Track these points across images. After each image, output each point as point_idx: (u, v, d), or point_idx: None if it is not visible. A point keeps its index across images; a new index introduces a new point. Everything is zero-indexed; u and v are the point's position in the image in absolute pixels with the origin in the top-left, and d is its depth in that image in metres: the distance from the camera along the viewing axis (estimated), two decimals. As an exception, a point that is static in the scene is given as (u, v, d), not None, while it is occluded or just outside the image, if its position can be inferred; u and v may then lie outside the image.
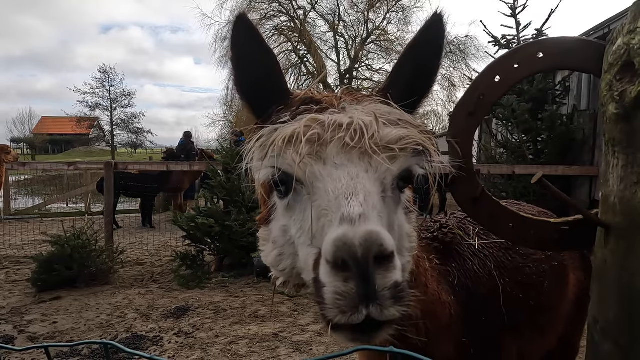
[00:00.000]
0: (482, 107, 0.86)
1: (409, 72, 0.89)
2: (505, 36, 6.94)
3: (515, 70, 0.83)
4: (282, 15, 27.30)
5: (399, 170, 0.77)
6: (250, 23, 0.87)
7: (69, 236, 5.20)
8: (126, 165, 6.69)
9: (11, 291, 5.10)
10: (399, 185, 0.80)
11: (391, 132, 0.76)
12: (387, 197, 0.76)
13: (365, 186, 0.70)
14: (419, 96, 0.88)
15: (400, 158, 0.76)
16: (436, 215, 1.61)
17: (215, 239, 5.67)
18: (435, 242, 1.35)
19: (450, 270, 1.30)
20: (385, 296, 0.62)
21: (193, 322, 4.16)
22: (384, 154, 0.73)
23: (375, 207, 0.68)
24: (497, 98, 0.86)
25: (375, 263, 0.61)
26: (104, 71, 41.81)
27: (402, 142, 0.76)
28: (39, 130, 61.49)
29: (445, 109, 29.12)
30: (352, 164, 0.72)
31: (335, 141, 0.74)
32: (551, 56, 0.82)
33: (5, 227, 8.78)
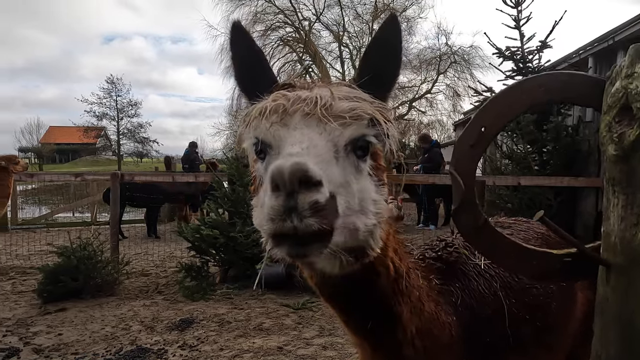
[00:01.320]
0: (483, 139, 0.88)
1: (373, 64, 1.03)
2: (509, 48, 6.97)
3: (516, 104, 0.84)
4: (288, 26, 27.61)
5: (350, 136, 0.90)
6: (243, 29, 1.10)
7: (75, 247, 5.23)
8: (132, 176, 6.75)
9: (17, 302, 5.12)
10: (357, 152, 0.92)
11: (344, 104, 0.90)
12: (341, 157, 0.89)
13: (312, 139, 0.85)
14: (385, 84, 1.02)
15: (351, 125, 0.89)
16: (443, 233, 1.60)
17: (220, 250, 5.68)
18: (438, 262, 1.35)
19: (454, 290, 1.30)
20: (305, 209, 0.75)
21: (198, 334, 4.15)
22: (336, 121, 0.88)
23: (315, 153, 0.82)
24: (498, 131, 0.88)
25: (301, 186, 0.74)
26: (111, 81, 42.33)
27: (352, 112, 0.89)
28: (47, 140, 62.11)
29: (450, 118, 29.18)
30: (308, 127, 0.88)
31: (298, 111, 0.89)
32: (552, 90, 0.83)
33: (13, 237, 8.85)
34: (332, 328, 4.24)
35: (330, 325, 4.32)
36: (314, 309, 4.78)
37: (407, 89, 28.77)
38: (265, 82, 1.05)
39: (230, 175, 6.00)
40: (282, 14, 27.02)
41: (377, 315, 1.12)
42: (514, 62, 7.01)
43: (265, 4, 26.60)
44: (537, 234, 1.65)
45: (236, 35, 1.08)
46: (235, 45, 1.09)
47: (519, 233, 1.63)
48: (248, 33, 1.10)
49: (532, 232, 1.66)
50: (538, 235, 1.65)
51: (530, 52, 6.91)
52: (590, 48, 6.61)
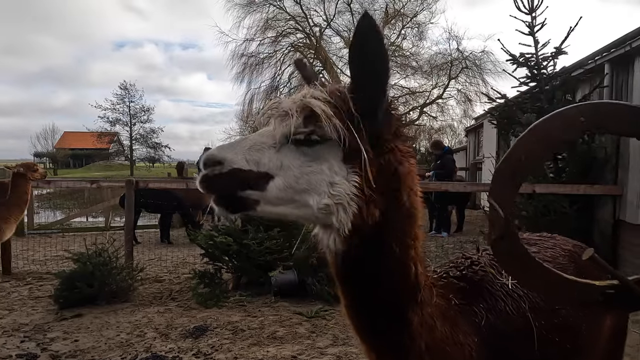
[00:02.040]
0: (523, 169, 0.87)
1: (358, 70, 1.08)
2: (523, 54, 6.91)
3: (556, 134, 0.83)
4: (298, 32, 27.74)
5: (282, 131, 1.06)
6: (303, 64, 1.42)
7: (90, 253, 5.30)
8: (147, 182, 6.82)
9: (34, 307, 5.19)
10: (300, 142, 1.06)
11: (282, 104, 1.09)
12: (282, 147, 1.06)
13: (250, 137, 1.11)
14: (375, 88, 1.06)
15: (284, 122, 1.06)
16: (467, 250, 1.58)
17: (233, 257, 5.71)
18: (462, 281, 1.34)
19: (477, 311, 1.29)
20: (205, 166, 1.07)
21: (212, 342, 4.16)
22: (276, 119, 1.08)
23: (237, 146, 1.08)
24: (538, 160, 0.87)
25: (205, 163, 1.06)
26: (124, 87, 43.01)
27: (282, 111, 1.07)
28: (61, 145, 63.15)
29: (461, 123, 28.98)
30: (265, 126, 1.12)
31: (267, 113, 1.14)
32: (594, 120, 0.82)
33: (29, 242, 8.99)
34: (345, 337, 4.22)
35: (344, 334, 4.30)
36: (327, 317, 4.76)
37: (418, 94, 28.68)
38: None
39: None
40: (293, 20, 27.18)
41: (385, 314, 1.15)
42: (528, 69, 6.95)
43: (276, 10, 26.82)
44: (564, 251, 1.63)
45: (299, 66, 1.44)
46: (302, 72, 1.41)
47: (546, 250, 1.60)
48: (305, 65, 1.42)
49: (559, 250, 1.63)
50: (566, 253, 1.62)
51: (544, 58, 6.84)
52: (607, 54, 6.52)
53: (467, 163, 18.35)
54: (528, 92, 7.20)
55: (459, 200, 10.76)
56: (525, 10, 6.85)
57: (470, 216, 12.60)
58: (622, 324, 1.73)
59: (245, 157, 1.04)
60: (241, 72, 27.39)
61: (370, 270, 1.11)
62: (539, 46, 6.81)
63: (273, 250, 5.56)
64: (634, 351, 3.71)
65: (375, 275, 1.11)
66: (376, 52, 1.02)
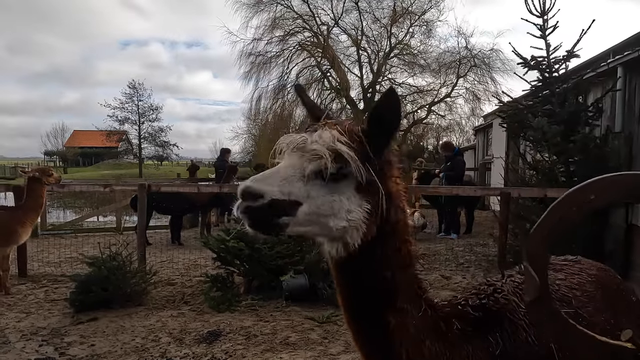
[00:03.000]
0: (556, 234, 0.90)
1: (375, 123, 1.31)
2: (534, 57, 6.85)
3: (590, 202, 0.86)
4: (306, 31, 27.71)
5: (312, 168, 1.23)
6: (302, 89, 1.65)
7: (105, 257, 5.38)
8: (159, 186, 6.89)
9: (50, 310, 5.29)
10: (327, 177, 1.23)
11: (312, 146, 1.24)
12: (309, 180, 1.23)
13: (279, 170, 1.25)
14: (385, 134, 1.33)
15: (315, 161, 1.23)
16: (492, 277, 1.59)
17: (245, 261, 5.76)
18: (478, 311, 1.37)
19: (492, 339, 1.33)
20: None
21: (225, 348, 4.22)
22: (305, 157, 1.25)
23: (270, 179, 1.22)
24: (572, 226, 0.90)
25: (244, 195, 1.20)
26: (133, 86, 43.27)
27: (314, 152, 1.23)
28: (71, 144, 63.81)
29: (470, 121, 28.80)
30: (288, 160, 1.28)
31: (287, 149, 1.29)
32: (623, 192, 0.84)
33: (43, 243, 9.13)
34: (358, 344, 4.25)
35: (355, 340, 4.33)
36: (339, 322, 4.79)
37: (426, 92, 28.54)
38: (315, 119, 1.44)
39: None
40: (301, 19, 27.14)
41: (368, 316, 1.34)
42: (540, 72, 6.89)
43: (284, 9, 26.80)
44: (590, 277, 1.63)
45: (300, 93, 1.63)
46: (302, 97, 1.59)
47: (572, 277, 1.60)
48: (305, 91, 1.66)
49: (585, 275, 1.63)
50: (592, 279, 1.63)
51: (556, 61, 6.78)
52: (620, 57, 6.46)
53: (475, 163, 18.25)
54: (539, 95, 7.15)
55: (468, 202, 10.73)
56: (536, 13, 6.80)
57: (480, 217, 12.55)
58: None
59: (281, 189, 1.21)
60: (249, 71, 27.45)
61: (360, 271, 1.33)
62: (550, 49, 6.75)
63: (284, 254, 5.61)
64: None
65: (364, 275, 1.33)
66: (394, 118, 1.31)
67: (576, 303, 1.50)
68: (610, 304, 1.62)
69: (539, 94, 7.14)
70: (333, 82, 27.93)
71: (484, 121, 19.57)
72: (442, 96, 28.26)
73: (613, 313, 1.59)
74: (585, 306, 1.52)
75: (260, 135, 30.44)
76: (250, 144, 37.42)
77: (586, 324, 1.41)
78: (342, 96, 27.60)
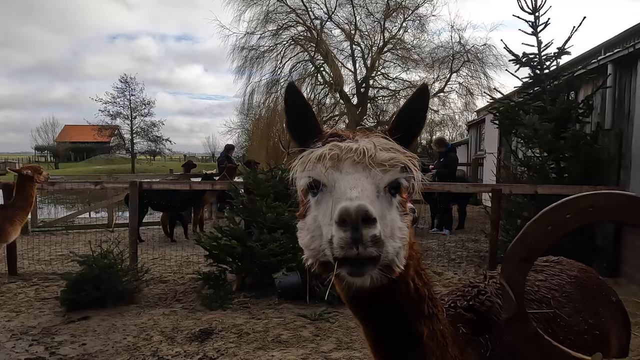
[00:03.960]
0: (533, 252, 0.90)
1: (404, 120, 1.26)
2: (526, 54, 6.88)
3: (566, 221, 0.86)
4: (299, 25, 27.51)
5: (389, 179, 1.12)
6: (296, 88, 1.34)
7: (96, 256, 5.34)
8: (151, 184, 6.85)
9: (41, 309, 5.25)
10: (391, 191, 1.13)
11: (384, 154, 1.12)
12: (381, 196, 1.10)
13: (363, 184, 1.06)
14: (411, 136, 1.26)
15: (389, 171, 1.12)
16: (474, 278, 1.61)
17: (237, 258, 5.75)
18: (469, 312, 1.38)
19: (483, 342, 1.33)
20: (367, 240, 0.97)
21: (217, 346, 4.22)
22: (378, 168, 1.10)
23: (367, 195, 1.03)
24: (549, 244, 0.90)
25: (363, 222, 0.96)
26: (124, 81, 42.83)
27: (390, 161, 1.12)
28: (62, 138, 63.12)
29: (462, 116, 28.89)
30: (357, 172, 1.09)
31: (348, 159, 1.11)
32: (603, 212, 0.85)
33: (33, 240, 9.06)
34: (349, 341, 4.28)
35: (347, 337, 4.36)
36: (331, 320, 4.82)
37: (420, 87, 28.44)
38: (312, 130, 1.27)
39: (247, 185, 6.05)
40: (294, 13, 26.93)
41: (397, 330, 1.23)
42: (531, 69, 6.93)
43: (277, 3, 26.55)
44: (570, 278, 1.66)
45: (291, 95, 1.31)
46: (290, 103, 1.30)
47: (552, 278, 1.63)
48: (300, 92, 1.34)
49: (565, 276, 1.66)
50: (572, 279, 1.65)
51: (547, 58, 6.82)
52: (610, 54, 6.50)
53: (468, 158, 18.34)
54: (530, 91, 7.19)
55: (460, 198, 10.79)
56: (528, 10, 6.82)
57: (472, 212, 12.63)
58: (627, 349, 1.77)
59: (375, 209, 1.01)
60: (241, 66, 27.23)
61: (389, 297, 1.20)
62: (542, 46, 6.78)
63: (277, 252, 5.61)
64: (635, 355, 3.76)
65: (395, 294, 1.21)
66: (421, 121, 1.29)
67: (555, 304, 1.53)
68: (590, 304, 1.65)
69: (530, 90, 7.18)
70: (326, 76, 27.82)
71: (477, 116, 19.66)
72: (435, 91, 28.24)
73: (593, 313, 1.63)
74: (563, 307, 1.55)
75: (254, 130, 30.30)
76: (244, 138, 37.27)
77: (564, 325, 1.44)
78: (335, 91, 27.51)
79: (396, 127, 1.24)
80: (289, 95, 1.31)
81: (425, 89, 1.25)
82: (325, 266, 1.10)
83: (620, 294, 1.96)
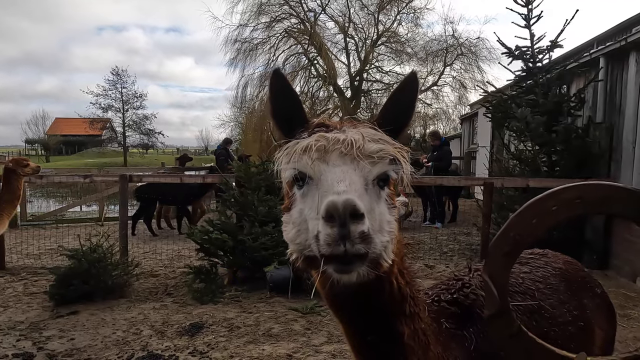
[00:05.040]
0: (517, 247, 0.87)
1: (393, 110, 1.22)
2: (519, 47, 6.87)
3: (552, 213, 0.83)
4: (293, 18, 27.31)
5: (377, 172, 1.08)
6: (283, 76, 1.26)
7: (85, 250, 5.28)
8: (140, 177, 6.77)
9: (29, 304, 5.19)
10: (379, 183, 1.10)
11: (372, 146, 1.08)
12: (369, 189, 1.06)
13: (351, 177, 1.02)
14: (400, 126, 1.21)
15: (378, 164, 1.08)
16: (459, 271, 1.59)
17: (228, 252, 5.72)
18: (454, 306, 1.36)
19: (467, 335, 1.31)
20: (355, 237, 0.93)
21: (208, 340, 4.20)
22: (367, 160, 1.05)
23: (355, 189, 0.99)
24: (533, 239, 0.86)
25: (350, 217, 0.92)
26: (116, 73, 42.32)
27: (379, 153, 1.08)
28: (53, 132, 62.34)
29: (456, 109, 28.94)
30: (345, 164, 1.05)
31: (335, 150, 1.06)
32: (590, 203, 0.81)
33: (23, 234, 8.95)
34: (340, 334, 4.27)
35: (338, 331, 4.36)
36: (322, 313, 4.81)
37: (413, 81, 28.40)
38: (298, 122, 1.21)
39: (239, 178, 6.00)
40: (287, 5, 26.71)
41: (378, 330, 1.20)
42: (524, 62, 6.92)
43: (270, -6, 26.32)
44: (555, 270, 1.65)
45: (276, 82, 1.23)
46: (275, 91, 1.23)
47: (537, 270, 1.63)
48: (287, 80, 1.27)
49: (550, 269, 1.65)
50: (557, 272, 1.65)
51: (540, 51, 6.81)
52: (602, 48, 6.50)
53: (461, 151, 18.38)
54: (523, 85, 7.19)
55: (452, 191, 10.82)
56: (521, 3, 6.79)
57: (464, 205, 12.68)
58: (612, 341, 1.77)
59: (364, 204, 0.97)
60: (234, 58, 27.01)
61: (376, 288, 1.16)
62: (534, 39, 6.77)
63: (268, 245, 5.58)
64: (622, 347, 3.79)
65: (379, 291, 1.17)
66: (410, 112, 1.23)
67: (539, 295, 1.53)
68: (575, 295, 1.65)
69: (523, 84, 7.17)
70: (320, 69, 27.68)
71: (470, 110, 19.68)
72: (429, 84, 28.26)
73: (577, 305, 1.63)
74: (548, 298, 1.55)
75: (247, 123, 30.13)
76: (237, 132, 37.06)
77: (548, 316, 1.43)
78: (329, 84, 27.40)
79: (385, 118, 1.20)
80: (274, 82, 1.24)
81: (414, 76, 1.21)
82: (311, 261, 1.06)
83: (610, 287, 1.96)
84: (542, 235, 0.85)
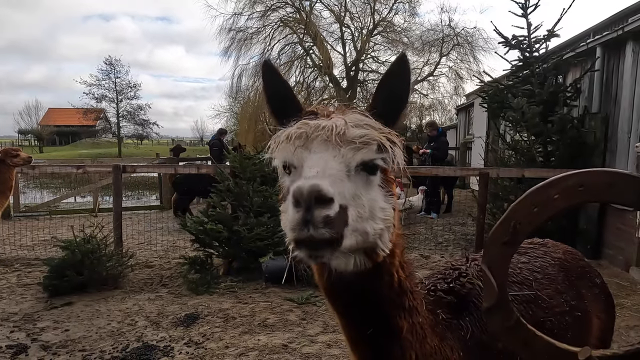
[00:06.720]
0: (517, 236, 0.85)
1: (386, 95, 1.17)
2: (516, 36, 6.82)
3: (553, 201, 0.80)
4: (288, 7, 26.99)
5: (361, 158, 1.04)
6: (273, 66, 1.28)
7: (79, 241, 5.24)
8: (134, 168, 6.71)
9: (23, 295, 5.16)
10: (367, 169, 1.06)
11: (355, 131, 1.05)
12: (352, 175, 1.03)
13: (327, 162, 1.00)
14: (396, 112, 1.18)
15: (362, 149, 1.04)
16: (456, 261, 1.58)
17: (223, 243, 5.70)
18: (450, 295, 1.35)
19: (463, 325, 1.31)
20: (319, 222, 0.91)
21: (203, 330, 4.20)
22: (348, 146, 1.03)
23: (329, 174, 0.96)
24: (533, 228, 0.84)
25: (316, 202, 0.90)
26: (109, 63, 41.84)
27: (362, 138, 1.04)
28: (46, 122, 61.77)
29: (452, 99, 28.90)
30: (325, 152, 1.02)
31: (317, 137, 1.04)
32: (593, 191, 0.79)
33: (16, 226, 8.88)
34: (335, 324, 4.28)
35: (334, 321, 4.36)
36: (318, 303, 4.82)
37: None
38: (293, 110, 1.20)
39: (234, 169, 5.96)
40: (283, -6, 26.39)
41: (376, 323, 1.18)
42: (520, 52, 6.88)
43: (265, -18, 25.96)
44: (554, 260, 1.65)
45: (268, 73, 1.25)
46: (268, 81, 1.25)
47: (536, 260, 1.62)
48: (277, 69, 1.28)
49: (549, 258, 1.65)
50: (555, 262, 1.64)
51: (537, 41, 6.77)
52: (599, 37, 6.47)
53: (457, 142, 18.40)
54: (519, 74, 7.16)
55: (447, 182, 10.83)
56: (519, -8, 6.73)
57: (460, 196, 12.70)
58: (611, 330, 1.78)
59: (339, 189, 0.96)
60: (229, 47, 26.69)
61: (370, 285, 1.14)
62: (531, 29, 6.72)
63: (263, 236, 5.57)
64: (616, 335, 3.83)
65: (377, 283, 1.16)
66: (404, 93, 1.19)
67: (536, 285, 1.53)
68: (573, 285, 1.65)
69: (519, 73, 7.14)
70: (316, 59, 27.46)
71: (466, 100, 19.65)
72: (425, 75, 28.17)
73: (575, 294, 1.62)
74: (545, 288, 1.54)
75: (242, 114, 29.92)
76: (233, 122, 36.84)
77: (545, 306, 1.43)
78: (325, 74, 27.21)
79: (378, 103, 1.17)
80: (265, 71, 1.25)
81: (404, 57, 1.16)
82: None
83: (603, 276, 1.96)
84: (543, 224, 0.83)
